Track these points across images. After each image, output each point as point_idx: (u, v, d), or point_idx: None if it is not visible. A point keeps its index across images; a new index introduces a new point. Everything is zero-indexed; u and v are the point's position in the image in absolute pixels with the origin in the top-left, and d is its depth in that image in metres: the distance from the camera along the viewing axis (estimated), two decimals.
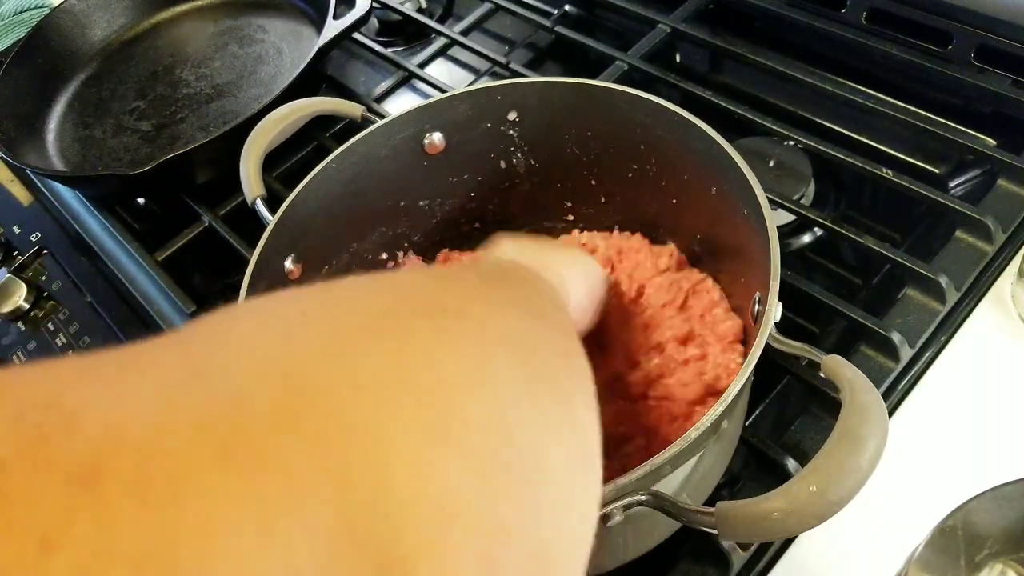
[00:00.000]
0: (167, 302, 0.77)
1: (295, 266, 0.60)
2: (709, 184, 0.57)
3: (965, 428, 0.58)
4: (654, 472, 0.40)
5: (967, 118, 0.78)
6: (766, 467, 0.57)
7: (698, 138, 0.55)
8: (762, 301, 0.47)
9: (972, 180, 0.75)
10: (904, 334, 0.61)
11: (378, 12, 1.09)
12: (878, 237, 0.66)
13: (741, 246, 0.54)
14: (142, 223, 0.90)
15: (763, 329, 0.44)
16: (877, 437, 0.37)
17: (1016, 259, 0.65)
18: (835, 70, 0.84)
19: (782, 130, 0.76)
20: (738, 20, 0.94)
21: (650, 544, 0.53)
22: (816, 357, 0.44)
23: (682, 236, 0.65)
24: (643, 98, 0.58)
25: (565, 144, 0.66)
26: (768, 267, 0.46)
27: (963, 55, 0.79)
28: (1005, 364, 0.60)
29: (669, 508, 0.41)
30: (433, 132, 0.65)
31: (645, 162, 0.63)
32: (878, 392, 0.39)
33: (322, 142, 0.88)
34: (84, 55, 1.05)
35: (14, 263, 0.88)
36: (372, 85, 0.98)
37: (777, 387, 0.62)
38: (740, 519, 0.38)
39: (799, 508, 0.36)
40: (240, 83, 0.97)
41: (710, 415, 0.41)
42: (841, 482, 0.36)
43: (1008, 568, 0.44)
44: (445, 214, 0.70)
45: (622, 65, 0.87)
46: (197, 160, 0.81)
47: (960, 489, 0.46)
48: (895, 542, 0.51)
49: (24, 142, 0.93)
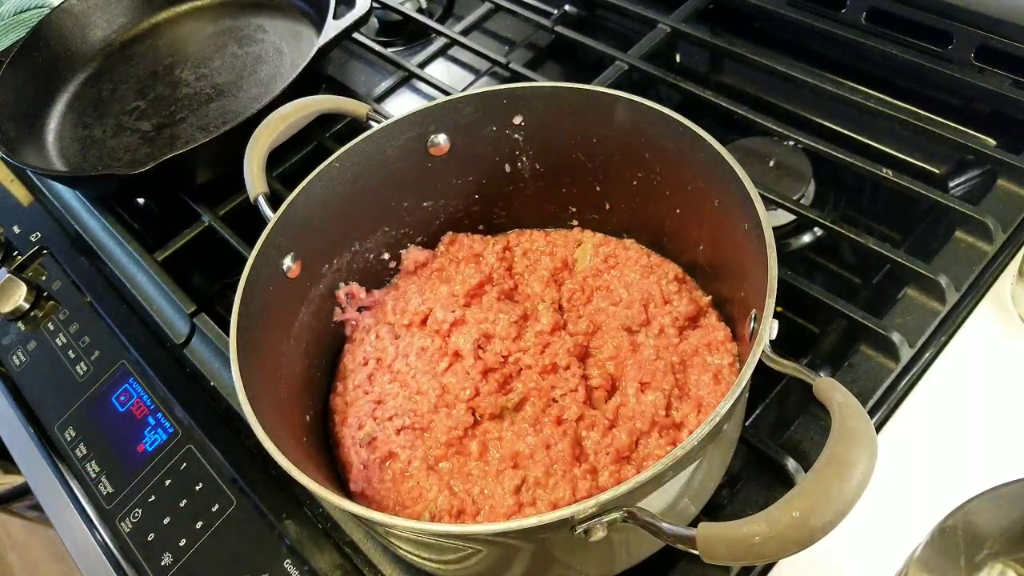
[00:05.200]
0: (167, 302, 0.77)
1: (295, 264, 0.60)
2: (712, 196, 0.57)
3: (965, 428, 0.58)
4: (640, 488, 0.40)
5: (967, 118, 0.78)
6: (766, 467, 0.57)
7: (703, 150, 0.55)
8: (758, 319, 0.47)
9: (972, 180, 0.75)
10: (904, 334, 0.61)
11: (378, 12, 1.09)
12: (878, 237, 0.66)
13: (742, 261, 0.54)
14: (142, 223, 0.90)
15: (756, 348, 0.44)
16: (864, 464, 0.36)
17: (1016, 259, 0.65)
18: (835, 70, 0.84)
19: (782, 130, 0.76)
20: (738, 20, 0.94)
21: (650, 551, 0.53)
22: (808, 378, 0.43)
23: (686, 247, 0.65)
24: (649, 107, 0.58)
25: (570, 149, 0.65)
26: (766, 284, 0.46)
27: (963, 55, 0.79)
28: (1005, 364, 0.60)
29: (651, 528, 0.40)
30: (438, 134, 0.65)
31: (650, 171, 0.63)
32: (868, 418, 0.39)
33: (322, 142, 0.88)
34: (84, 55, 1.05)
35: (14, 263, 0.88)
36: (372, 85, 0.98)
37: (777, 387, 0.63)
38: (721, 541, 0.37)
39: (780, 533, 0.36)
40: (240, 83, 0.97)
41: (697, 434, 0.41)
42: (825, 509, 0.35)
43: (1008, 568, 0.44)
44: (448, 215, 0.70)
45: (622, 65, 0.87)
46: (197, 160, 0.81)
47: (960, 489, 0.46)
48: (895, 542, 0.51)
49: (24, 142, 0.93)
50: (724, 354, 0.58)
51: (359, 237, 0.67)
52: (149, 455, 0.69)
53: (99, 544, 0.67)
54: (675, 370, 0.57)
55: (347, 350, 0.66)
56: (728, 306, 0.61)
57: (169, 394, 0.72)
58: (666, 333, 0.60)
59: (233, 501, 0.65)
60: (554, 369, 0.59)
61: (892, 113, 0.76)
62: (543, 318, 0.62)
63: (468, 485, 0.55)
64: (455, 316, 0.63)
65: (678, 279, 0.64)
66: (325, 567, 0.60)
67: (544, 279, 0.66)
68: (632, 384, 0.57)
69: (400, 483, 0.56)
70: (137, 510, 0.67)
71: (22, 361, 0.81)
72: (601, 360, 0.60)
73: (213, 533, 0.63)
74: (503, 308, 0.63)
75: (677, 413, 0.56)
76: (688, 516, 0.53)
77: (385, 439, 0.58)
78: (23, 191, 0.97)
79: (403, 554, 0.55)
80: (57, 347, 0.80)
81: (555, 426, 0.56)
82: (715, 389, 0.56)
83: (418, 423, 0.58)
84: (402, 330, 0.65)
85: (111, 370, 0.76)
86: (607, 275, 0.66)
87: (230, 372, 0.49)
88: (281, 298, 0.58)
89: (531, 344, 0.60)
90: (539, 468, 0.53)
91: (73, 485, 0.71)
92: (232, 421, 0.69)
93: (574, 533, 0.41)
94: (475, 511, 0.54)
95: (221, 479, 0.66)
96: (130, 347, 0.76)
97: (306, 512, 0.63)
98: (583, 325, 0.62)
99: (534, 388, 0.58)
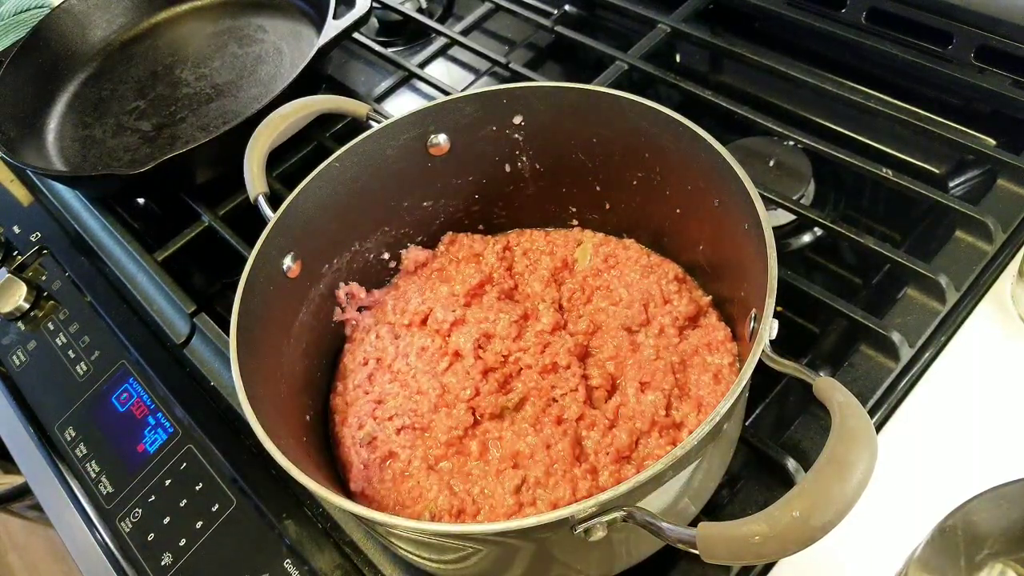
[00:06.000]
0: (167, 302, 0.77)
1: (295, 264, 0.60)
2: (712, 196, 0.57)
3: (965, 428, 0.58)
4: (640, 488, 0.40)
5: (967, 118, 0.78)
6: (766, 467, 0.57)
7: (703, 150, 0.55)
8: (758, 319, 0.47)
9: (972, 180, 0.75)
10: (904, 334, 0.61)
11: (378, 12, 1.09)
12: (878, 237, 0.66)
13: (742, 261, 0.54)
14: (142, 223, 0.90)
15: (756, 348, 0.44)
16: (864, 464, 0.36)
17: (1016, 259, 0.65)
18: (835, 70, 0.84)
19: (782, 130, 0.76)
20: (738, 20, 0.94)
21: (650, 551, 0.53)
22: (808, 378, 0.43)
23: (686, 247, 0.65)
24: (649, 107, 0.58)
25: (570, 149, 0.65)
26: (766, 284, 0.46)
27: (963, 55, 0.79)
28: (1005, 364, 0.60)
29: (651, 527, 0.40)
30: (438, 134, 0.65)
31: (650, 170, 0.63)
32: (868, 418, 0.39)
33: (322, 142, 0.88)
34: (84, 55, 1.05)
35: (14, 263, 0.88)
36: (372, 85, 0.98)
37: (777, 387, 0.63)
38: (721, 541, 0.37)
39: (780, 533, 0.36)
40: (240, 83, 0.97)
41: (697, 433, 0.41)
42: (825, 509, 0.35)
43: (1008, 568, 0.44)
44: (449, 215, 0.70)
45: (622, 65, 0.87)
46: (197, 160, 0.81)
47: (960, 489, 0.46)
48: (895, 542, 0.51)
49: (24, 142, 0.93)
50: (724, 354, 0.58)
51: (359, 237, 0.67)
52: (149, 455, 0.69)
53: (99, 544, 0.67)
54: (675, 370, 0.57)
55: (347, 350, 0.66)
56: (728, 306, 0.61)
57: (169, 394, 0.72)
58: (666, 333, 0.60)
59: (233, 501, 0.65)
60: (554, 369, 0.59)
61: (892, 113, 0.76)
62: (543, 318, 0.62)
63: (468, 485, 0.55)
64: (455, 316, 0.63)
65: (678, 279, 0.64)
66: (325, 567, 0.60)
67: (544, 279, 0.66)
68: (632, 384, 0.57)
69: (400, 483, 0.56)
70: (137, 510, 0.67)
71: (22, 361, 0.81)
72: (601, 360, 0.60)
73: (213, 533, 0.63)
74: (503, 308, 0.63)
75: (677, 413, 0.56)
76: (688, 516, 0.53)
77: (385, 439, 0.58)
78: (23, 191, 0.97)
79: (403, 554, 0.55)
80: (57, 347, 0.80)
81: (555, 426, 0.56)
82: (715, 389, 0.56)
83: (418, 423, 0.58)
84: (402, 330, 0.65)
85: (111, 370, 0.76)
86: (607, 275, 0.66)
87: (230, 372, 0.49)
88: (281, 298, 0.58)
89: (531, 344, 0.61)
90: (539, 468, 0.53)
91: (73, 485, 0.71)
92: (232, 421, 0.69)
93: (574, 533, 0.41)
94: (475, 511, 0.54)
95: (221, 479, 0.66)
96: (130, 347, 0.76)
97: (306, 512, 0.63)
98: (583, 325, 0.62)
99: (534, 388, 0.58)
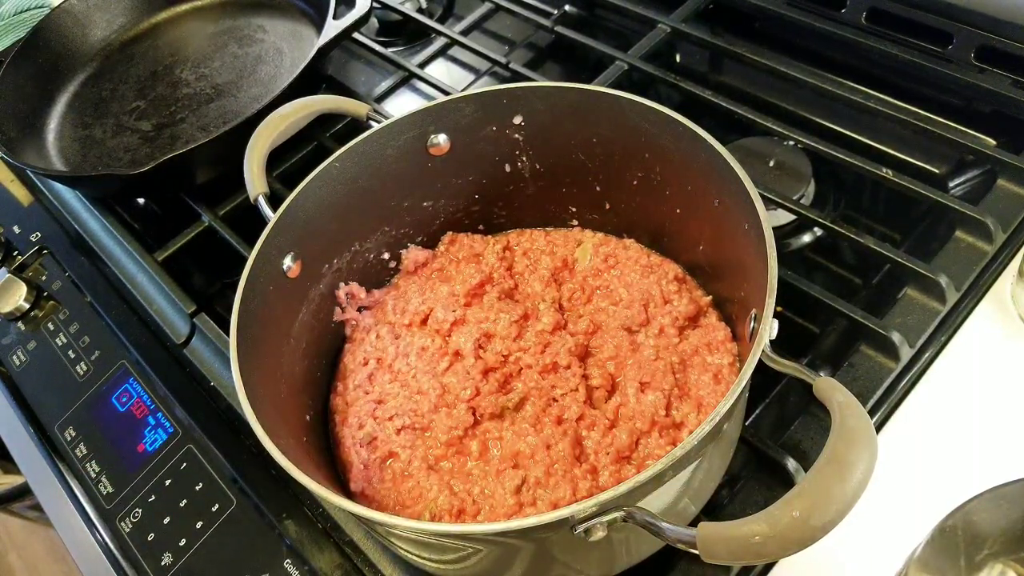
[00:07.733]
0: (167, 302, 0.77)
1: (295, 264, 0.60)
2: (712, 196, 0.57)
3: (965, 428, 0.58)
4: (640, 488, 0.40)
5: (967, 118, 0.78)
6: (766, 467, 0.57)
7: (703, 150, 0.55)
8: (758, 319, 0.47)
9: (972, 180, 0.75)
10: (904, 334, 0.61)
11: (378, 12, 1.09)
12: (878, 237, 0.66)
13: (742, 261, 0.54)
14: (142, 223, 0.90)
15: (756, 348, 0.44)
16: (865, 464, 0.36)
17: (1016, 259, 0.65)
18: (835, 70, 0.84)
19: (782, 130, 0.76)
20: (738, 20, 0.94)
21: (650, 551, 0.53)
22: (808, 378, 0.43)
23: (686, 247, 0.65)
24: (650, 107, 0.58)
25: (570, 149, 0.65)
26: (766, 284, 0.46)
27: (963, 55, 0.79)
28: (1005, 364, 0.60)
29: (651, 527, 0.40)
30: (438, 134, 0.65)
31: (650, 170, 0.63)
32: (868, 418, 0.39)
33: (322, 142, 0.88)
34: (84, 55, 1.05)
35: (14, 263, 0.88)
36: (372, 85, 0.98)
37: (777, 387, 0.63)
38: (721, 541, 0.37)
39: (781, 533, 0.36)
40: (240, 83, 0.97)
41: (697, 433, 0.41)
42: (826, 508, 0.35)
43: (1008, 568, 0.44)
44: (449, 215, 0.70)
45: (622, 65, 0.87)
46: (197, 160, 0.81)
47: (960, 489, 0.46)
48: (895, 542, 0.51)
49: (24, 142, 0.93)
50: (724, 354, 0.58)
51: (359, 237, 0.67)
52: (149, 455, 0.69)
53: (99, 544, 0.67)
54: (675, 370, 0.57)
55: (347, 350, 0.66)
56: (728, 306, 0.61)
57: (169, 394, 0.72)
58: (666, 333, 0.60)
59: (233, 501, 0.65)
60: (554, 369, 0.59)
61: (892, 113, 0.76)
62: (544, 318, 0.62)
63: (468, 485, 0.55)
64: (455, 316, 0.63)
65: (678, 279, 0.64)
66: (325, 567, 0.60)
67: (544, 279, 0.66)
68: (632, 384, 0.57)
69: (400, 483, 0.56)
70: (137, 510, 0.67)
71: (22, 361, 0.81)
72: (601, 360, 0.60)
73: (213, 533, 0.63)
74: (503, 308, 0.63)
75: (677, 413, 0.56)
76: (688, 516, 0.53)
77: (385, 439, 0.58)
78: (23, 191, 0.97)
79: (403, 554, 0.55)
80: (57, 347, 0.80)
81: (555, 426, 0.56)
82: (715, 389, 0.56)
83: (418, 423, 0.58)
84: (402, 330, 0.65)
85: (111, 370, 0.76)
86: (607, 275, 0.66)
87: (230, 372, 0.49)
88: (281, 298, 0.58)
89: (531, 344, 0.61)
90: (539, 468, 0.53)
91: (73, 485, 0.71)
92: (232, 421, 0.69)
93: (574, 533, 0.41)
94: (475, 511, 0.54)
95: (221, 479, 0.66)
96: (130, 347, 0.76)
97: (306, 512, 0.63)
98: (583, 325, 0.62)
99: (534, 388, 0.58)
